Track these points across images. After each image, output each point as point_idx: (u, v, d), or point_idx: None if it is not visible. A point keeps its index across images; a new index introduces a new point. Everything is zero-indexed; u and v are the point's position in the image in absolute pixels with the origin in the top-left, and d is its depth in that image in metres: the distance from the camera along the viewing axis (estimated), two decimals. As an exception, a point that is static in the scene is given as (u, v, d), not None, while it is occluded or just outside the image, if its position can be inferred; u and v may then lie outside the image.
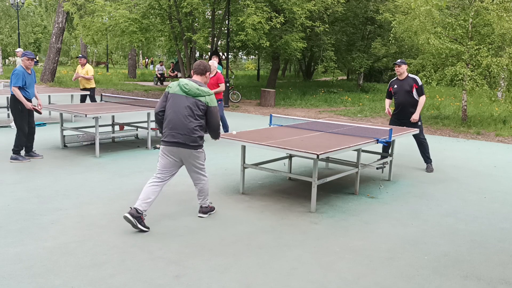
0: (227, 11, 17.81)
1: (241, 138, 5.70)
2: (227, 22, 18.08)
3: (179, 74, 28.02)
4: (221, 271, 3.81)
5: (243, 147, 5.95)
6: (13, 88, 7.23)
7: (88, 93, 12.24)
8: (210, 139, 6.03)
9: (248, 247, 4.32)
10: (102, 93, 10.91)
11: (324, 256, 4.18)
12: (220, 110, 10.25)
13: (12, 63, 45.26)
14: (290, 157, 6.82)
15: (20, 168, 7.04)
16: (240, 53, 32.75)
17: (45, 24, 51.50)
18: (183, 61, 21.05)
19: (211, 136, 5.05)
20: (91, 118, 8.58)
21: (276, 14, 17.59)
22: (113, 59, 58.84)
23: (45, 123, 11.51)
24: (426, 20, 12.74)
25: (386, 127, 7.05)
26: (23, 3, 29.19)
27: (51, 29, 44.87)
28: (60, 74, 29.91)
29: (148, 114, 8.85)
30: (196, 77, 4.91)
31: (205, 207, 5.13)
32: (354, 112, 16.12)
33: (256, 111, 16.47)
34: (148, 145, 8.85)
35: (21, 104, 7.33)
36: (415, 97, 7.55)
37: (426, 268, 3.98)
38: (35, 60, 8.65)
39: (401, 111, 7.66)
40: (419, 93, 7.55)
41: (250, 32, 16.52)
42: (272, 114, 7.37)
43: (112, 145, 9.09)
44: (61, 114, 8.60)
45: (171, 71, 30.11)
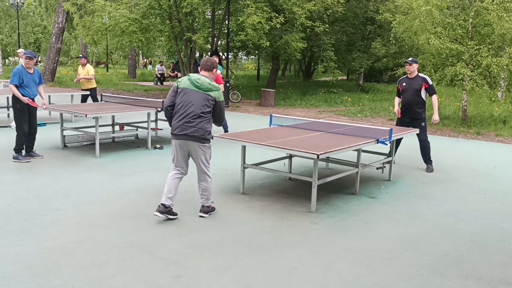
0: (227, 11, 17.80)
1: (241, 138, 5.70)
2: (227, 22, 18.08)
3: (179, 74, 28.02)
4: (221, 271, 3.81)
5: (243, 147, 5.95)
6: (9, 86, 7.36)
7: (88, 93, 12.25)
8: (211, 139, 6.00)
9: (248, 247, 4.32)
10: (102, 93, 10.91)
11: (324, 256, 4.18)
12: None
13: (12, 63, 45.29)
14: (290, 157, 6.82)
15: (20, 168, 7.04)
16: (240, 53, 32.78)
17: (45, 24, 51.50)
18: (183, 61, 21.04)
19: (215, 124, 5.14)
20: (91, 118, 8.57)
21: (276, 14, 17.59)
22: (113, 59, 58.81)
23: (45, 123, 11.52)
24: (426, 20, 12.74)
25: (387, 127, 7.05)
26: (23, 3, 29.19)
27: (51, 29, 44.87)
28: (60, 74, 29.91)
29: (148, 114, 8.85)
30: (204, 73, 5.02)
31: (207, 206, 5.15)
32: (354, 112, 16.12)
33: (256, 111, 16.47)
34: (148, 145, 8.85)
35: (20, 103, 7.38)
36: (423, 97, 7.52)
37: (426, 268, 3.98)
38: (37, 61, 8.66)
39: (407, 110, 7.64)
40: (431, 92, 7.50)
41: (250, 32, 16.52)
42: (272, 114, 7.37)
43: (112, 145, 9.09)
44: (61, 114, 8.60)
45: (171, 71, 30.12)
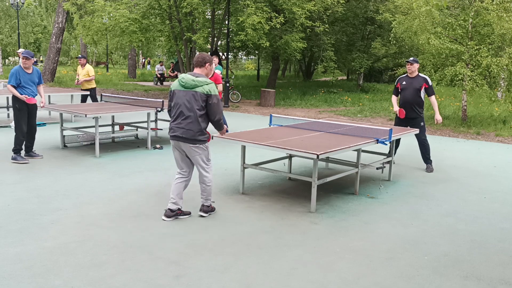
0: (227, 11, 17.80)
1: (241, 138, 5.69)
2: (227, 22, 18.08)
3: (179, 74, 28.02)
4: (221, 271, 3.81)
5: (243, 147, 5.95)
6: (7, 86, 7.39)
7: (88, 93, 12.25)
8: (210, 139, 5.99)
9: (248, 247, 4.32)
10: (102, 93, 10.91)
11: (324, 256, 4.18)
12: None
13: (12, 63, 45.30)
14: (290, 157, 6.82)
15: (20, 168, 7.04)
16: (240, 53, 32.77)
17: (45, 24, 51.50)
18: (183, 61, 21.05)
19: (215, 128, 5.02)
20: (91, 118, 8.57)
21: (276, 14, 17.59)
22: (113, 59, 58.78)
23: (45, 123, 11.51)
24: (426, 20, 12.74)
25: (386, 127, 7.05)
26: (23, 3, 29.18)
27: (51, 29, 44.89)
28: (60, 74, 29.91)
29: (148, 114, 8.84)
30: (196, 70, 4.88)
31: (207, 206, 5.13)
32: (354, 112, 16.12)
33: (256, 111, 16.47)
34: (148, 145, 8.85)
35: (18, 103, 7.37)
36: (422, 97, 7.55)
37: (426, 268, 3.98)
38: (34, 60, 8.64)
39: (406, 110, 7.64)
40: (430, 92, 7.54)
41: (250, 32, 16.53)
42: (272, 114, 7.37)
43: (112, 145, 9.09)
44: (61, 114, 8.60)
45: (171, 71, 30.11)
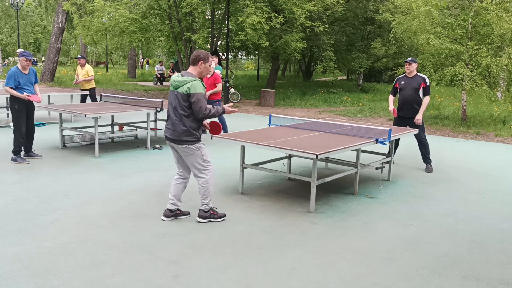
0: (227, 11, 17.80)
1: (240, 138, 5.69)
2: (226, 22, 18.08)
3: (178, 74, 28.00)
4: (221, 271, 3.81)
5: (242, 147, 5.95)
6: (5, 88, 7.30)
7: (88, 93, 12.25)
8: (210, 139, 6.00)
9: (247, 247, 4.32)
10: (102, 93, 10.91)
11: (323, 256, 4.17)
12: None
13: (12, 63, 45.27)
14: (289, 157, 6.82)
15: (20, 168, 7.03)
16: (239, 53, 32.76)
17: (44, 24, 51.49)
18: (183, 61, 21.04)
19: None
20: (90, 118, 8.56)
21: (276, 14, 17.59)
22: (113, 59, 58.75)
23: (45, 123, 11.51)
24: (426, 20, 12.74)
25: (386, 127, 7.05)
26: (22, 3, 29.18)
27: (50, 29, 44.86)
28: (60, 74, 29.90)
29: (148, 114, 8.84)
30: (189, 68, 4.67)
31: (204, 211, 4.85)
32: (353, 112, 16.12)
33: (256, 111, 16.47)
34: (148, 145, 8.85)
35: (17, 104, 7.33)
36: (421, 96, 7.56)
37: (425, 268, 3.98)
38: (34, 60, 8.66)
39: (405, 109, 7.64)
40: (425, 92, 7.55)
41: (250, 32, 16.52)
42: (272, 114, 7.37)
43: (111, 145, 9.09)
44: (60, 114, 8.59)
45: (171, 71, 30.11)
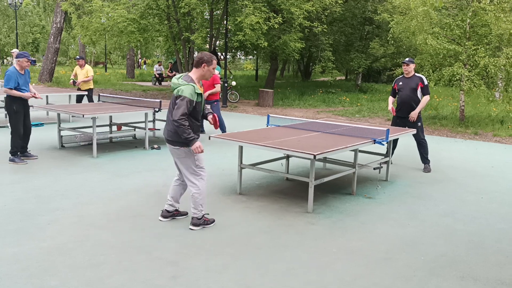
0: (225, 11, 17.80)
1: (238, 139, 5.69)
2: (225, 22, 18.08)
3: (177, 74, 28.00)
4: (219, 271, 3.81)
5: (240, 148, 5.95)
6: (4, 90, 7.23)
7: (86, 93, 12.25)
8: (208, 139, 6.00)
9: (245, 247, 4.32)
10: (100, 93, 10.90)
11: (321, 256, 4.18)
12: (217, 111, 10.25)
13: (10, 63, 45.22)
14: (287, 157, 6.82)
15: (18, 168, 7.03)
16: (238, 53, 32.75)
17: (43, 24, 51.42)
18: (181, 61, 21.04)
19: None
20: (88, 118, 8.55)
21: (274, 15, 17.60)
22: (112, 59, 58.69)
23: (43, 123, 11.50)
24: (424, 20, 12.76)
25: (384, 128, 7.06)
26: (21, 3, 29.13)
27: (49, 29, 44.80)
28: (58, 74, 29.86)
29: (146, 114, 8.84)
30: (192, 71, 4.62)
31: (198, 218, 4.68)
32: (352, 112, 16.13)
33: (254, 111, 16.47)
34: (146, 146, 8.84)
35: (16, 104, 7.29)
36: (419, 96, 7.57)
37: (423, 269, 3.99)
38: (33, 60, 8.62)
39: (404, 109, 7.65)
40: (424, 92, 7.57)
41: (248, 32, 16.52)
42: (270, 115, 7.37)
43: (109, 145, 9.08)
44: (58, 114, 8.59)
45: (170, 71, 30.10)
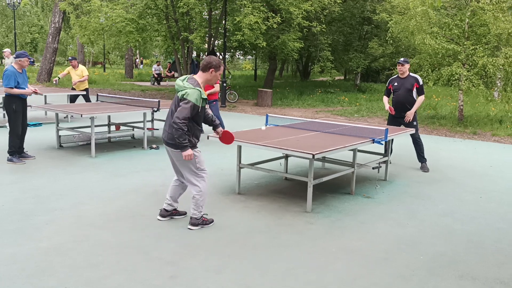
0: (224, 11, 17.79)
1: (237, 138, 5.68)
2: (224, 22, 18.07)
3: (176, 74, 27.98)
4: (218, 271, 3.80)
5: (239, 147, 5.94)
6: (5, 89, 7.19)
7: (84, 93, 12.24)
8: (206, 139, 5.99)
9: (244, 247, 4.31)
10: (98, 93, 10.88)
11: (320, 256, 4.17)
12: (216, 111, 10.24)
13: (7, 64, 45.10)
14: (286, 157, 6.81)
15: (16, 168, 7.01)
16: (237, 53, 32.72)
17: (41, 24, 51.34)
18: (180, 61, 21.02)
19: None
20: (87, 118, 8.54)
21: (273, 14, 17.59)
22: (110, 59, 58.61)
23: (41, 123, 11.48)
24: (423, 20, 12.76)
25: (382, 127, 7.05)
26: (19, 3, 29.09)
27: (47, 29, 44.74)
28: (57, 74, 29.77)
29: (144, 114, 8.83)
30: (198, 74, 4.58)
31: (196, 218, 4.70)
32: (351, 112, 16.13)
33: (253, 111, 16.46)
34: (144, 145, 8.83)
35: (16, 104, 7.27)
36: (414, 97, 7.58)
37: (422, 269, 3.98)
38: (31, 60, 8.68)
39: (400, 110, 7.65)
40: (419, 92, 7.58)
41: (247, 32, 16.51)
42: (268, 114, 7.36)
43: (108, 145, 9.06)
44: (56, 114, 8.57)
45: (168, 71, 30.09)
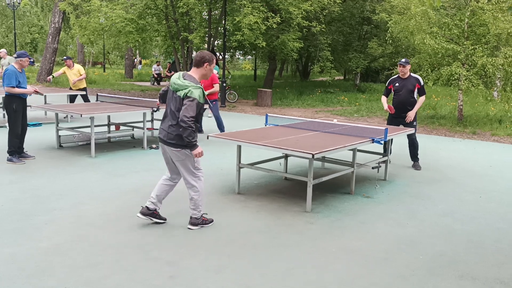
0: (224, 11, 17.79)
1: (236, 138, 5.69)
2: (223, 22, 18.07)
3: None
4: (217, 271, 3.80)
5: (239, 147, 5.94)
6: (6, 88, 7.18)
7: (84, 93, 12.24)
8: (206, 139, 5.99)
9: (244, 247, 4.31)
10: (98, 93, 10.88)
11: (320, 256, 4.17)
12: (216, 111, 10.24)
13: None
14: (286, 156, 6.81)
15: (16, 168, 7.01)
16: (237, 53, 32.73)
17: (41, 24, 51.32)
18: (180, 61, 21.02)
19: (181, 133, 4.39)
20: (86, 118, 8.54)
21: (273, 14, 17.59)
22: (110, 59, 58.56)
23: (41, 123, 11.48)
24: (422, 20, 12.76)
25: (382, 127, 7.05)
26: (19, 3, 29.07)
27: (47, 29, 44.72)
28: (56, 74, 29.81)
29: (144, 114, 8.82)
30: (192, 70, 4.52)
31: (196, 218, 4.72)
32: (350, 112, 16.13)
33: (253, 111, 16.46)
34: (144, 145, 8.83)
35: (16, 104, 7.26)
36: (415, 97, 7.58)
37: (422, 268, 3.98)
38: (31, 60, 8.70)
39: (400, 110, 7.64)
40: (421, 92, 7.61)
41: (247, 32, 16.51)
42: (268, 114, 7.36)
43: (108, 145, 9.06)
44: (56, 114, 8.56)
45: (168, 71, 30.08)
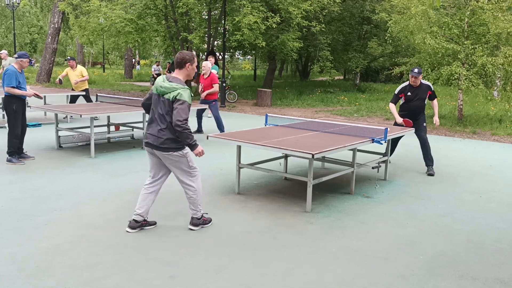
0: (223, 11, 17.79)
1: (236, 138, 5.68)
2: (223, 22, 18.06)
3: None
4: (217, 271, 3.80)
5: (239, 147, 5.94)
6: (6, 88, 7.17)
7: (84, 93, 12.23)
8: (206, 139, 5.98)
9: (243, 247, 4.31)
10: (98, 93, 10.87)
11: (320, 256, 4.16)
12: (215, 111, 10.24)
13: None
14: (285, 157, 6.81)
15: (16, 168, 7.00)
16: (236, 53, 32.73)
17: (41, 24, 51.30)
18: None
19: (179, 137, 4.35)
20: (86, 119, 8.53)
21: (272, 14, 17.59)
22: (110, 60, 58.57)
23: (41, 124, 11.47)
24: (422, 20, 12.76)
25: (382, 127, 7.04)
26: (18, 3, 29.05)
27: (47, 30, 44.69)
28: (56, 74, 29.76)
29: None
30: (175, 72, 4.39)
31: (197, 218, 4.73)
32: (350, 112, 16.12)
33: (253, 111, 16.45)
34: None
35: (16, 104, 7.26)
36: (425, 102, 7.75)
37: (422, 268, 3.98)
38: (31, 61, 8.74)
39: (412, 116, 7.62)
40: (432, 97, 7.78)
41: (246, 32, 16.52)
42: (268, 114, 7.36)
43: (107, 146, 9.06)
44: (56, 115, 8.56)
45: (167, 71, 30.06)
